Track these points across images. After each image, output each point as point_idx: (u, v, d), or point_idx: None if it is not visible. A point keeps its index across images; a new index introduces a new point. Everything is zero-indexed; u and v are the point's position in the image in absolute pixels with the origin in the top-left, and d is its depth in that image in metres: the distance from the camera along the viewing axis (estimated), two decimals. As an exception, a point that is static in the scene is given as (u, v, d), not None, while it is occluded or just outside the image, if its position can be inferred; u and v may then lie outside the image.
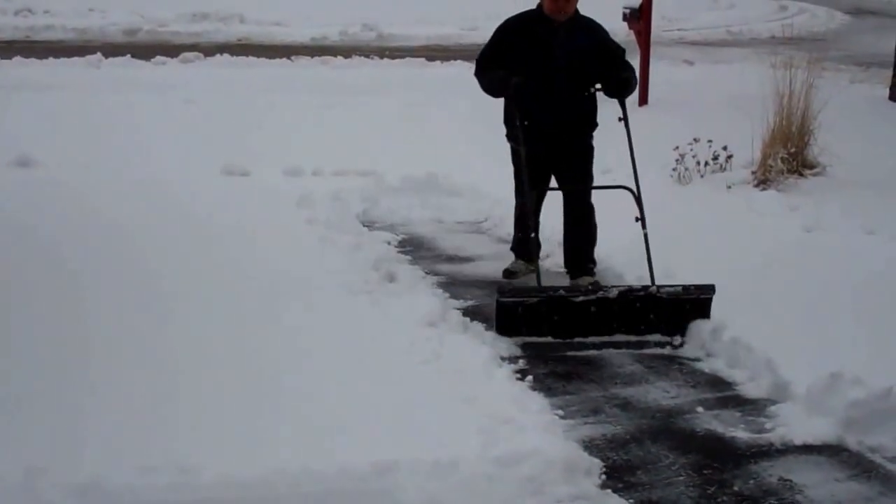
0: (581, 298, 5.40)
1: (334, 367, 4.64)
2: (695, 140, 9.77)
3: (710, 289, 5.35)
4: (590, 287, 5.65)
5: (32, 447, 3.68)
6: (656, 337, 5.46)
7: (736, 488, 3.84)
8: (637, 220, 5.74)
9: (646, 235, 5.68)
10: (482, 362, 4.68)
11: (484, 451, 3.85)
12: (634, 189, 5.91)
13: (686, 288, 5.40)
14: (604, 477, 3.90)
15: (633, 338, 5.41)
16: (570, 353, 5.26)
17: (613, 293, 5.41)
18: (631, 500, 3.74)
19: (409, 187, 9.08)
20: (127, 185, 8.28)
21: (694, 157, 9.85)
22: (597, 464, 3.96)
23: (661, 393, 4.79)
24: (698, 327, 5.37)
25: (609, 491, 3.79)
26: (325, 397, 4.27)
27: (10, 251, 6.22)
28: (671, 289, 5.40)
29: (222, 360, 4.66)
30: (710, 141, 9.79)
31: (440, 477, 3.66)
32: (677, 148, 9.82)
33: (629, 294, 5.43)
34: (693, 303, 5.35)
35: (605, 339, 5.42)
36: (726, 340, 5.17)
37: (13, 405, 4.07)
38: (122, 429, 3.89)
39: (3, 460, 3.56)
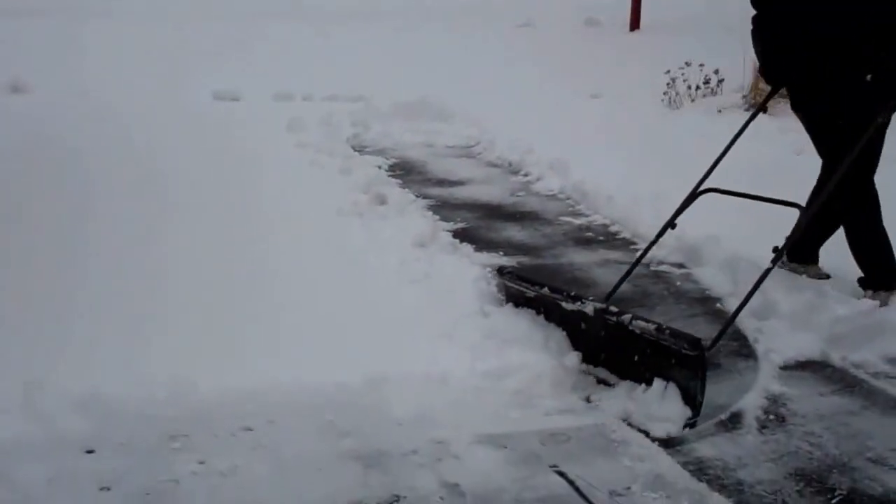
0: (568, 306, 4.19)
1: (326, 285, 4.67)
2: (686, 64, 9.77)
3: (695, 343, 3.64)
4: (574, 294, 4.25)
5: (31, 361, 3.72)
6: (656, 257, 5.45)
7: (721, 401, 3.90)
8: (775, 249, 4.29)
9: (768, 270, 4.19)
10: (471, 281, 4.71)
11: (473, 365, 3.91)
12: (807, 212, 4.34)
13: (660, 328, 3.78)
14: (590, 390, 3.96)
15: (621, 255, 5.36)
16: (559, 273, 5.31)
17: (589, 309, 4.08)
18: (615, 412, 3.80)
19: (399, 112, 9.08)
20: (117, 111, 8.25)
21: (685, 81, 9.87)
22: (583, 379, 4.02)
23: (646, 312, 4.83)
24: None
25: (595, 404, 3.85)
26: (317, 315, 4.31)
27: (9, 175, 6.22)
28: (647, 325, 3.83)
29: (216, 277, 4.70)
30: (701, 65, 9.80)
31: (430, 390, 3.72)
32: (668, 72, 9.81)
33: (603, 315, 4.04)
34: (679, 357, 3.70)
35: (594, 258, 5.42)
36: (716, 255, 5.25)
37: (12, 320, 4.10)
38: (119, 342, 3.93)
39: (1, 374, 3.60)
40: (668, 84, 9.78)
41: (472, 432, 3.52)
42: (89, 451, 3.32)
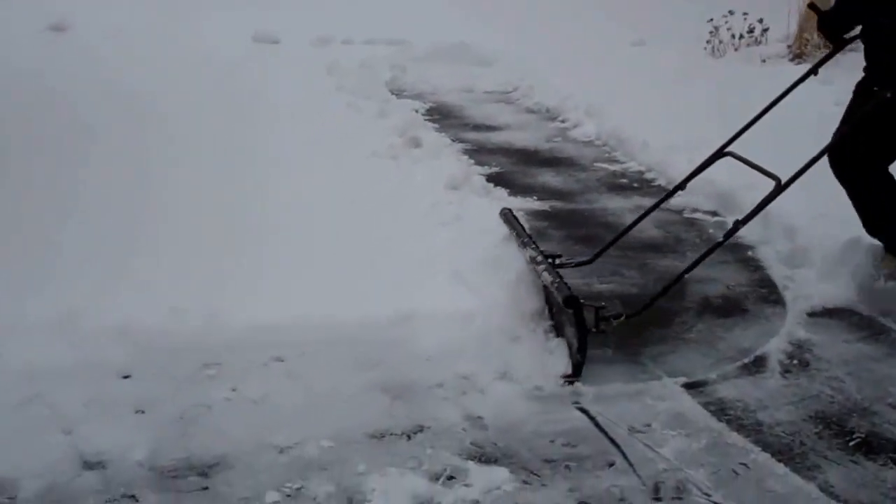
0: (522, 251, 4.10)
1: (358, 224, 4.73)
2: (730, 12, 9.66)
3: (569, 300, 3.51)
4: (525, 240, 4.16)
5: (68, 291, 3.82)
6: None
7: (746, 346, 3.94)
8: (736, 223, 4.00)
9: (718, 244, 4.01)
10: (502, 224, 4.74)
11: (499, 305, 3.94)
12: (782, 183, 3.99)
13: (553, 281, 3.68)
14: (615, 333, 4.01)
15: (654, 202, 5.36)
16: (591, 218, 5.35)
17: (526, 255, 4.02)
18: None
19: (438, 56, 9.10)
20: (157, 51, 8.32)
21: (729, 29, 9.77)
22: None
23: (678, 258, 4.87)
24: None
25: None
26: (348, 252, 4.36)
27: (43, 114, 6.31)
28: (548, 276, 3.74)
29: (250, 214, 4.78)
30: (745, 13, 9.68)
31: (456, 327, 3.77)
32: (711, 20, 9.71)
33: (534, 259, 3.94)
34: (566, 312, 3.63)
35: (627, 204, 5.44)
36: (749, 203, 5.24)
37: (53, 252, 4.21)
38: (155, 275, 4.02)
39: (42, 303, 3.71)
40: (710, 32, 9.68)
41: (495, 368, 3.58)
42: (125, 377, 3.43)
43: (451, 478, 2.95)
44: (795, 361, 3.80)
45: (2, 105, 6.32)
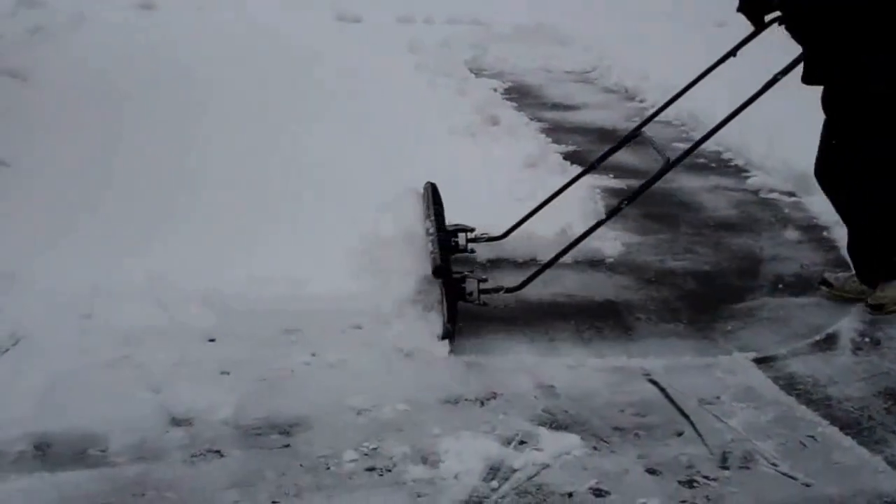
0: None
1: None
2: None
3: (435, 271, 3.65)
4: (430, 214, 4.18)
5: (160, 257, 3.99)
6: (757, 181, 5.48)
7: (818, 323, 3.94)
8: (621, 202, 4.08)
9: (601, 222, 4.01)
10: (577, 201, 4.80)
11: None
12: (670, 161, 4.15)
13: (432, 251, 3.80)
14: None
15: (731, 182, 5.34)
16: (667, 197, 5.38)
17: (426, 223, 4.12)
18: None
19: (518, 36, 9.15)
20: (241, 29, 8.49)
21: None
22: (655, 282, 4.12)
23: (752, 237, 4.88)
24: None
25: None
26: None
27: (133, 92, 6.51)
28: (432, 248, 3.81)
29: (328, 185, 4.90)
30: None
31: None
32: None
33: (427, 231, 4.04)
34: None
35: (703, 183, 5.43)
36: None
37: (143, 220, 4.39)
38: (235, 244, 4.17)
39: (134, 269, 3.88)
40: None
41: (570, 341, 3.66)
42: (211, 340, 3.58)
43: (522, 442, 3.03)
44: (867, 339, 3.80)
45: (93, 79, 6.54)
